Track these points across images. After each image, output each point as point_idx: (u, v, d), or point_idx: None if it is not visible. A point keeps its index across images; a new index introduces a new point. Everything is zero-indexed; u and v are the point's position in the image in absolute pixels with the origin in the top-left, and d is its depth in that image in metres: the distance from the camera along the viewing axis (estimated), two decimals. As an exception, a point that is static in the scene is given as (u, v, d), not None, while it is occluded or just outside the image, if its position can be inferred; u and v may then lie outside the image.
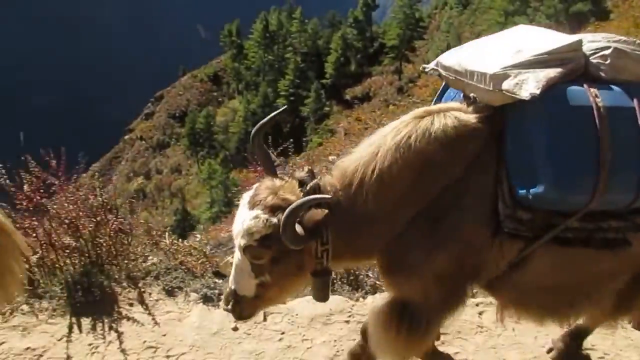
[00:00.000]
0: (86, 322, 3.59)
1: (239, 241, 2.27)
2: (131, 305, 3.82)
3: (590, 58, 2.35)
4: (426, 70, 2.73)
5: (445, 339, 3.50)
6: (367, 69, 47.19)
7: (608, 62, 2.32)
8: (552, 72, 2.21)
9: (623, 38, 2.42)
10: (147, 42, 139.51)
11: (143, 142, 53.76)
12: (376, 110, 30.87)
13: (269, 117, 2.52)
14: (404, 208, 2.33)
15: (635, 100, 2.23)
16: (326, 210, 2.23)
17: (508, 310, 2.65)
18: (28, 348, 3.36)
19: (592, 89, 2.22)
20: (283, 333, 3.56)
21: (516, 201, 2.26)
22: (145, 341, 3.46)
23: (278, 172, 2.47)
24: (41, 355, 3.33)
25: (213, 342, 3.46)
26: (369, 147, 2.36)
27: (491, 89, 2.27)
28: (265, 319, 3.66)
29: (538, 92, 2.13)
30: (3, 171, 3.83)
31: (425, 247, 2.33)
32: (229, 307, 2.46)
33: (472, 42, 2.66)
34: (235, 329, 3.58)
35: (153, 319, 3.66)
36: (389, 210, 2.33)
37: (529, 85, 2.17)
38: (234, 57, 54.79)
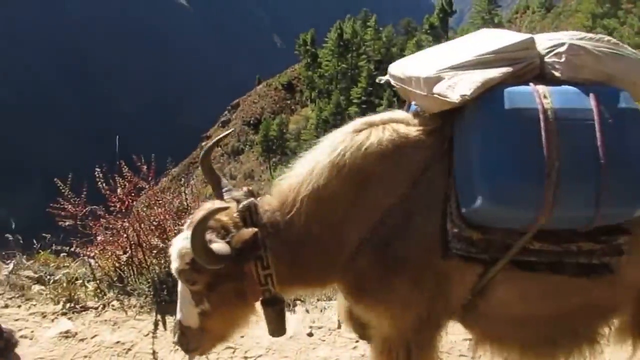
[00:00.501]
0: (170, 319, 3.76)
1: (173, 265, 2.16)
2: (211, 306, 3.96)
3: (546, 57, 2.10)
4: (381, 81, 2.54)
5: None
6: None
7: (563, 60, 2.05)
8: (493, 73, 1.98)
9: (589, 35, 2.14)
10: (227, 52, 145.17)
11: (219, 148, 55.93)
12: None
13: (214, 140, 2.40)
14: (349, 229, 2.14)
15: (593, 101, 1.93)
16: (255, 230, 2.07)
17: (483, 344, 2.33)
18: (118, 342, 3.58)
19: (540, 90, 1.96)
20: (357, 341, 3.55)
21: (464, 219, 2.02)
22: (224, 341, 3.58)
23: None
24: (129, 349, 3.53)
25: (289, 346, 3.52)
26: (304, 165, 2.20)
27: (425, 93, 2.07)
28: (339, 327, 3.67)
29: (469, 93, 1.92)
30: (100, 175, 4.11)
31: (380, 272, 2.14)
32: (176, 339, 2.30)
33: (427, 49, 2.45)
34: (310, 334, 3.62)
35: (232, 320, 3.79)
36: (333, 231, 2.16)
37: (461, 87, 1.95)
38: (308, 66, 55.72)
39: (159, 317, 3.80)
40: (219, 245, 2.03)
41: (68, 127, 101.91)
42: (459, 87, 1.96)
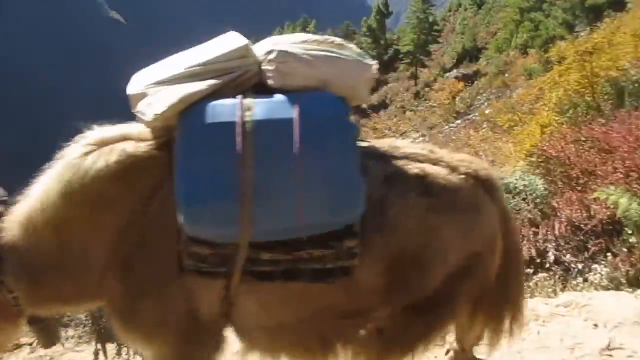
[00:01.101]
0: (110, 347, 3.65)
1: None
2: (154, 328, 3.86)
3: (262, 65, 2.06)
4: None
5: (468, 347, 3.42)
6: (383, 77, 47.17)
7: (273, 67, 2.01)
8: (196, 87, 1.93)
9: (314, 37, 2.11)
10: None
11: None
12: (393, 118, 30.80)
13: None
14: (94, 253, 2.07)
15: (295, 111, 1.88)
16: None
17: (253, 353, 2.30)
18: (55, 376, 3.45)
19: (246, 102, 1.91)
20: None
21: (188, 235, 1.97)
22: (168, 364, 3.50)
23: None
24: (69, 383, 3.41)
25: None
26: (40, 190, 2.09)
27: (134, 111, 2.04)
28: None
29: (161, 111, 1.89)
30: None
31: (127, 293, 2.07)
32: None
33: (164, 60, 2.31)
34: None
35: (175, 341, 3.71)
36: (77, 256, 2.07)
37: (156, 104, 1.92)
38: (251, 74, 55.45)
39: (98, 346, 3.65)
40: None
41: (12, 148, 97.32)
42: (154, 105, 1.92)
